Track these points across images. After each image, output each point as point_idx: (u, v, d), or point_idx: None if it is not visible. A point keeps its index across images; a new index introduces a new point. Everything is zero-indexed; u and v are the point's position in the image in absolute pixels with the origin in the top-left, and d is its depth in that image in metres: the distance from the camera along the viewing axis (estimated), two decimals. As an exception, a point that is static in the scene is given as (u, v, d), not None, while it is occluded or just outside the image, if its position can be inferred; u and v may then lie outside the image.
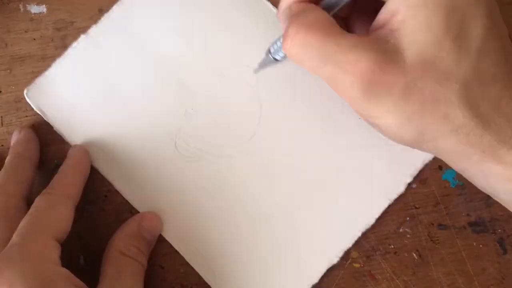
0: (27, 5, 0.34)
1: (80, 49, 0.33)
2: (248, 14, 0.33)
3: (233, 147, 0.31)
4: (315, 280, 0.30)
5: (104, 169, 0.31)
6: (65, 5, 0.34)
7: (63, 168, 0.30)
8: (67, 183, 0.29)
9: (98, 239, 0.30)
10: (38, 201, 0.27)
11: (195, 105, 0.32)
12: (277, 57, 0.28)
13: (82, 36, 0.33)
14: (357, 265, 0.30)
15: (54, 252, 0.26)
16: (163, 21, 0.33)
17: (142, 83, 0.32)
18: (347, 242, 0.30)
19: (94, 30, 0.33)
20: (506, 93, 0.22)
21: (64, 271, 0.25)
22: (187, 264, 0.30)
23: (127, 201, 0.31)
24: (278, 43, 0.28)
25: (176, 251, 0.30)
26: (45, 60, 0.33)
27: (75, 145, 0.31)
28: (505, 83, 0.22)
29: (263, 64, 0.30)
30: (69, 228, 0.27)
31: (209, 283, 0.30)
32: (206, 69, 0.32)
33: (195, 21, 0.33)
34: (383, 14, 0.23)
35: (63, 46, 0.33)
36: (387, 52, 0.22)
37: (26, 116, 0.33)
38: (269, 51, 0.29)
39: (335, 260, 0.30)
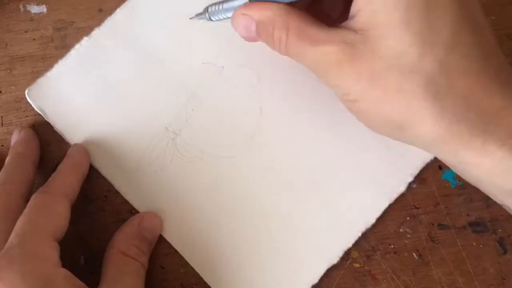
0: (27, 5, 0.34)
1: (83, 51, 0.33)
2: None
3: (233, 147, 0.31)
4: (315, 280, 0.30)
5: (104, 169, 0.31)
6: (65, 5, 0.34)
7: (61, 167, 0.30)
8: (64, 182, 0.29)
9: (98, 239, 0.30)
10: (34, 200, 0.27)
11: (196, 105, 0.32)
12: (213, 19, 0.29)
13: (85, 38, 0.33)
14: (357, 265, 0.30)
15: (54, 253, 0.26)
16: (165, 24, 0.33)
17: (143, 84, 0.32)
18: (347, 242, 0.30)
19: (97, 32, 0.33)
20: (477, 86, 0.22)
21: (64, 271, 0.25)
22: (187, 264, 0.30)
23: (127, 201, 0.31)
24: (218, 7, 0.29)
25: (176, 251, 0.30)
26: (45, 60, 0.33)
27: (75, 144, 0.31)
28: (478, 77, 0.22)
29: (196, 18, 0.31)
30: (66, 227, 0.27)
31: (209, 283, 0.30)
32: (206, 70, 0.32)
33: (196, 24, 0.33)
34: (353, 8, 0.24)
35: (63, 46, 0.33)
36: (355, 42, 0.23)
37: (26, 116, 0.33)
38: (207, 10, 0.29)
39: (335, 260, 0.30)
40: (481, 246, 0.30)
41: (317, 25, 0.24)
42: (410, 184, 0.31)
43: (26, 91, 0.32)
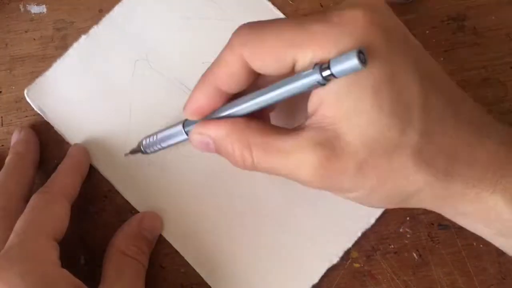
0: (27, 5, 0.34)
1: (81, 49, 0.33)
2: (248, 13, 0.33)
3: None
4: (315, 280, 0.30)
5: (104, 169, 0.31)
6: (65, 5, 0.34)
7: (61, 167, 0.30)
8: (64, 182, 0.29)
9: (98, 239, 0.30)
10: (34, 200, 0.27)
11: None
12: (148, 151, 0.30)
13: (83, 37, 0.33)
14: (357, 265, 0.30)
15: (53, 253, 0.26)
16: (163, 21, 0.33)
17: (142, 83, 0.32)
18: (347, 242, 0.30)
19: (95, 30, 0.33)
20: (459, 141, 0.23)
21: (64, 271, 0.25)
22: (187, 264, 0.30)
23: (127, 201, 0.31)
24: (152, 139, 0.29)
25: (177, 251, 0.30)
26: (45, 60, 0.33)
27: (75, 144, 0.31)
28: (457, 133, 0.23)
29: (132, 152, 0.31)
30: (66, 227, 0.27)
31: (209, 283, 0.30)
32: (206, 69, 0.32)
33: (195, 22, 0.33)
34: (310, 107, 0.23)
35: (63, 46, 0.33)
36: (328, 141, 0.22)
37: (26, 116, 0.33)
38: (141, 143, 0.30)
39: (335, 260, 0.30)
40: (481, 246, 0.30)
41: (279, 133, 0.23)
42: (410, 184, 0.31)
43: (25, 91, 0.32)
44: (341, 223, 0.30)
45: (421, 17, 0.33)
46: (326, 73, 0.20)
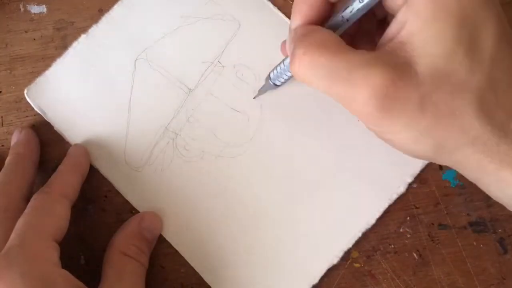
0: (27, 5, 0.34)
1: (81, 48, 0.33)
2: (248, 13, 0.33)
3: (233, 147, 0.31)
4: (315, 280, 0.30)
5: (104, 169, 0.31)
6: (65, 5, 0.34)
7: (61, 167, 0.30)
8: (65, 182, 0.29)
9: (99, 239, 0.30)
10: (35, 200, 0.27)
11: (196, 105, 0.32)
12: (277, 83, 0.29)
13: (83, 36, 0.33)
14: (357, 265, 0.30)
15: (53, 253, 0.26)
16: (163, 21, 0.33)
17: (142, 83, 0.32)
18: (347, 242, 0.30)
19: (94, 29, 0.33)
20: None
21: (64, 272, 0.25)
22: (187, 264, 0.30)
23: (127, 201, 0.31)
24: (278, 69, 0.28)
25: (177, 251, 0.30)
26: (45, 60, 0.33)
27: (75, 144, 0.31)
28: None
29: (262, 90, 0.31)
30: (66, 227, 0.27)
31: (209, 283, 0.30)
32: (206, 69, 0.32)
33: (194, 21, 0.33)
34: (393, 27, 0.23)
35: (63, 46, 0.33)
36: (398, 66, 0.21)
37: (26, 116, 0.33)
38: (269, 77, 0.29)
39: (335, 260, 0.30)
40: (481, 246, 0.30)
41: (352, 49, 0.23)
42: (410, 184, 0.31)
43: (25, 91, 0.32)
44: (342, 223, 0.30)
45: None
46: None
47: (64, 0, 0.34)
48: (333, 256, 0.30)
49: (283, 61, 0.29)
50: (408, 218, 0.31)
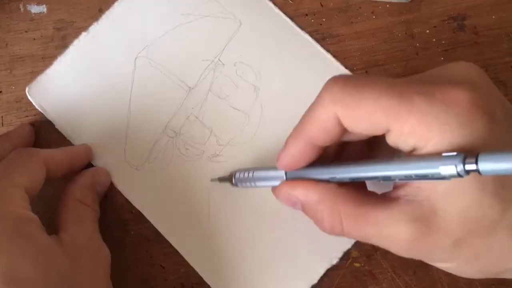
0: (27, 5, 0.34)
1: (81, 46, 0.33)
2: (248, 11, 0.33)
3: (234, 147, 0.31)
4: (315, 280, 0.30)
5: (104, 167, 0.31)
6: (65, 5, 0.34)
7: (58, 148, 0.30)
8: (52, 155, 0.29)
9: (98, 239, 0.30)
10: (15, 152, 0.28)
11: (196, 103, 0.32)
12: (239, 185, 0.29)
13: (83, 34, 0.33)
14: (357, 264, 0.30)
15: (23, 200, 0.26)
16: (163, 19, 0.33)
17: (142, 81, 0.32)
18: (348, 242, 0.30)
19: (95, 27, 0.33)
20: None
21: (35, 216, 0.26)
22: (187, 264, 0.30)
23: (127, 201, 0.31)
24: (245, 175, 0.28)
25: (177, 251, 0.30)
26: (45, 60, 0.33)
27: (84, 144, 0.32)
28: None
29: (222, 180, 0.31)
30: (38, 188, 0.27)
31: (209, 283, 0.30)
32: (206, 67, 0.32)
33: (195, 19, 0.33)
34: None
35: (63, 46, 0.33)
36: (424, 216, 0.21)
37: (26, 116, 0.33)
38: (233, 176, 0.29)
39: (334, 260, 0.30)
40: (481, 245, 0.30)
41: (370, 202, 0.23)
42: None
43: (27, 89, 0.32)
44: (342, 222, 0.30)
45: (421, 17, 0.33)
46: (470, 167, 0.19)
47: (64, 0, 0.34)
48: (333, 256, 0.30)
49: (254, 170, 0.28)
50: (408, 217, 0.31)
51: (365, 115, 0.22)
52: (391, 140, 0.22)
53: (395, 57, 0.33)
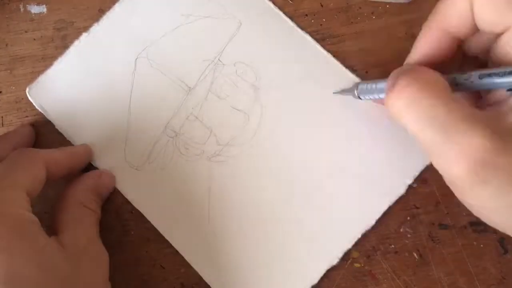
0: (27, 5, 0.34)
1: (82, 47, 0.33)
2: (249, 11, 0.33)
3: (233, 147, 0.31)
4: (315, 280, 0.30)
5: (104, 167, 0.31)
6: (65, 5, 0.34)
7: (61, 148, 0.30)
8: (52, 155, 0.29)
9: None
10: (15, 152, 0.27)
11: (196, 103, 0.32)
12: (362, 97, 0.29)
13: (84, 34, 0.33)
14: (357, 265, 0.30)
15: (24, 201, 0.26)
16: (163, 19, 0.33)
17: (142, 81, 0.32)
18: (347, 243, 0.30)
19: (95, 28, 0.33)
20: None
21: (35, 218, 0.26)
22: (187, 264, 0.30)
23: (127, 201, 0.31)
24: (368, 86, 0.28)
25: (177, 251, 0.30)
26: (45, 60, 0.33)
27: (83, 144, 0.31)
28: None
29: (344, 92, 0.30)
30: (38, 190, 0.27)
31: (209, 283, 0.30)
32: (206, 67, 0.32)
33: (195, 20, 0.33)
34: (501, 92, 0.21)
35: (63, 46, 0.33)
36: (502, 131, 0.20)
37: (26, 116, 0.33)
38: (356, 87, 0.29)
39: (335, 261, 0.30)
40: (481, 246, 0.30)
41: (461, 103, 0.21)
42: (410, 184, 0.31)
43: (27, 89, 0.32)
44: (342, 223, 0.30)
45: (421, 17, 0.33)
46: None
47: (64, 0, 0.34)
48: (333, 257, 0.30)
49: (377, 82, 0.28)
50: (408, 218, 0.31)
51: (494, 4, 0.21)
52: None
53: (395, 57, 0.33)
